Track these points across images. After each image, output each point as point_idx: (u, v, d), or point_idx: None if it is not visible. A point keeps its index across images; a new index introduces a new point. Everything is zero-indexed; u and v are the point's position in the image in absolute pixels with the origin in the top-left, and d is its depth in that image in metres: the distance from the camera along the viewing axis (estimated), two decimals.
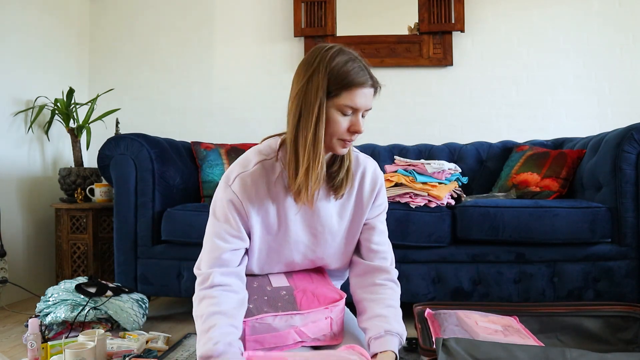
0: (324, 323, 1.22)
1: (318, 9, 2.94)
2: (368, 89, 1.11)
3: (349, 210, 1.26)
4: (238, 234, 1.17)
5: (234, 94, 3.06)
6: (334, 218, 1.24)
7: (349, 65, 1.09)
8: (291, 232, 1.21)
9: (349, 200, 1.25)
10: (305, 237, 1.24)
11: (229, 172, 1.19)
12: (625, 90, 2.86)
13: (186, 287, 2.05)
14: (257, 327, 1.17)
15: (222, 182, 1.20)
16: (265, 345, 1.17)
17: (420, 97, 2.98)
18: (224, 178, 1.19)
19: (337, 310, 1.25)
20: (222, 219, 1.17)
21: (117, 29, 3.15)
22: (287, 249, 1.24)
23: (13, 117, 2.56)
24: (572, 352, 1.11)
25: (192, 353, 1.67)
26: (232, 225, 1.16)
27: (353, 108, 1.10)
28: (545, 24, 2.92)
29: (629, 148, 1.90)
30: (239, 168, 1.18)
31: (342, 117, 1.11)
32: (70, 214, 2.52)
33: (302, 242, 1.24)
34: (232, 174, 1.18)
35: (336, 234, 1.26)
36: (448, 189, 2.06)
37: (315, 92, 1.09)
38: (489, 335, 1.32)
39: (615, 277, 1.91)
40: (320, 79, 1.08)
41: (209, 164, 2.46)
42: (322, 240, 1.24)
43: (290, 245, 1.23)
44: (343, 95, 1.09)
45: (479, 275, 1.96)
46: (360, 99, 1.10)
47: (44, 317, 1.79)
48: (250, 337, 1.17)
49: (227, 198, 1.16)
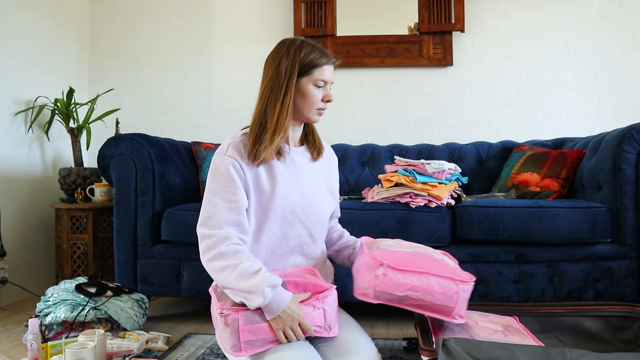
0: (317, 314, 1.24)
1: (318, 9, 2.95)
2: (331, 66, 1.38)
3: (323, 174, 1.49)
4: (242, 192, 1.30)
5: (234, 94, 3.06)
6: (312, 176, 1.43)
7: (314, 50, 1.36)
8: (281, 188, 1.35)
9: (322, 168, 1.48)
10: (293, 194, 1.37)
11: (221, 146, 1.36)
12: (625, 90, 2.86)
13: (186, 287, 2.05)
14: (251, 317, 1.19)
15: (216, 155, 1.34)
16: (259, 336, 1.19)
17: (420, 97, 2.98)
18: (217, 151, 1.35)
19: (329, 301, 1.27)
20: (225, 182, 1.29)
21: (117, 29, 3.15)
22: (279, 205, 1.34)
23: (13, 117, 2.56)
24: (572, 352, 1.11)
25: (192, 353, 1.68)
26: (237, 186, 1.29)
27: (324, 81, 1.36)
28: (545, 24, 2.92)
29: (629, 148, 1.90)
30: (229, 140, 1.37)
31: (316, 89, 1.36)
32: (70, 214, 2.52)
33: (291, 199, 1.36)
34: (225, 146, 1.35)
35: (316, 192, 1.43)
36: (448, 189, 2.06)
37: (285, 72, 1.33)
38: (489, 335, 1.32)
39: (615, 277, 1.91)
40: (289, 63, 1.33)
41: (209, 164, 2.45)
42: (307, 198, 1.39)
43: (283, 200, 1.34)
44: (315, 72, 1.34)
45: (479, 275, 1.95)
46: (327, 72, 1.37)
47: (44, 317, 1.79)
48: (244, 327, 1.18)
49: (227, 163, 1.30)
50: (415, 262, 1.31)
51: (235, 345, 1.18)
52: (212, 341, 1.80)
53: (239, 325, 1.18)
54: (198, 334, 1.89)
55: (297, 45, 1.35)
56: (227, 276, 1.21)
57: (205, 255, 1.26)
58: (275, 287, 1.20)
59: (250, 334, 1.18)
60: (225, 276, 1.21)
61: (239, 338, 1.18)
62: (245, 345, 1.18)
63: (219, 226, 1.26)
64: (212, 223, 1.26)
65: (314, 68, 1.34)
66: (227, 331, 1.20)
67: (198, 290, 2.04)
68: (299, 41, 1.37)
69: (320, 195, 1.44)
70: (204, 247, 1.27)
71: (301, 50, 1.34)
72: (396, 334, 1.90)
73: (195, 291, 2.05)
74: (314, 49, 1.36)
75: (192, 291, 2.05)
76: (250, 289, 1.18)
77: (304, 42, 1.37)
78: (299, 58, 1.33)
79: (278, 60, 1.35)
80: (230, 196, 1.28)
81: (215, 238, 1.24)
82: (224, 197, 1.28)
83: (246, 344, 1.18)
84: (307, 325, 1.21)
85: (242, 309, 1.20)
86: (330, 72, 1.38)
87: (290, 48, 1.35)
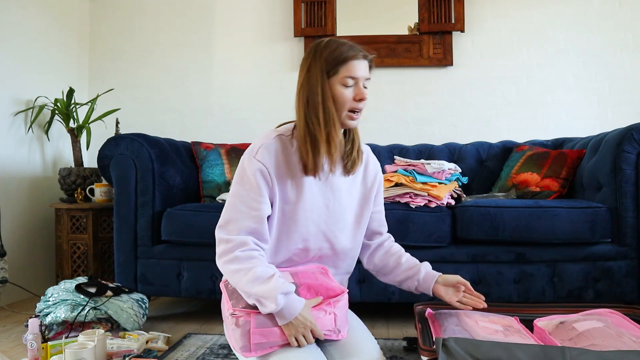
0: (327, 319, 1.23)
1: (318, 9, 2.95)
2: (361, 60, 1.26)
3: (357, 189, 1.39)
4: (266, 201, 1.25)
5: (234, 94, 3.06)
6: (343, 192, 1.35)
7: (339, 46, 1.26)
8: (306, 200, 1.29)
9: (356, 180, 1.39)
10: (318, 207, 1.31)
11: (252, 146, 1.29)
12: (625, 90, 2.86)
13: (186, 287, 2.05)
14: (263, 321, 1.18)
15: (245, 156, 1.28)
16: (270, 339, 1.18)
17: (420, 97, 2.98)
18: (247, 152, 1.28)
19: (340, 306, 1.27)
20: (250, 188, 1.25)
21: (117, 29, 3.15)
22: (302, 217, 1.29)
23: (13, 117, 2.56)
24: (571, 351, 1.11)
25: (192, 353, 1.67)
26: (262, 194, 1.25)
27: (353, 77, 1.25)
28: (545, 24, 2.92)
29: (629, 148, 1.90)
30: (261, 140, 1.28)
31: (346, 89, 1.25)
32: (70, 214, 2.52)
33: (315, 212, 1.31)
34: (256, 146, 1.27)
35: (345, 208, 1.35)
36: (448, 189, 2.06)
37: (316, 77, 1.24)
38: (490, 335, 1.31)
39: (615, 277, 1.91)
40: (317, 66, 1.24)
41: (209, 164, 2.45)
42: (333, 211, 1.33)
43: (306, 213, 1.29)
44: (341, 70, 1.24)
45: (479, 275, 1.96)
46: (356, 68, 1.25)
47: (44, 317, 1.79)
48: (255, 329, 1.18)
49: (255, 168, 1.24)
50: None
51: (245, 347, 1.18)
52: (212, 341, 1.80)
53: (250, 328, 1.18)
54: (198, 334, 1.89)
55: (323, 45, 1.27)
56: (240, 279, 1.20)
57: (221, 259, 1.24)
58: (288, 294, 1.17)
59: (261, 336, 1.18)
60: (238, 279, 1.20)
61: (249, 340, 1.18)
62: (255, 346, 1.18)
63: (236, 232, 1.23)
64: (231, 228, 1.24)
65: (340, 65, 1.24)
66: (237, 332, 1.19)
67: (198, 290, 2.04)
68: (325, 40, 1.29)
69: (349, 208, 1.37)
70: (220, 250, 1.25)
71: (327, 49, 1.25)
72: (396, 334, 1.90)
73: (195, 291, 2.05)
74: (340, 45, 1.26)
75: (192, 291, 2.05)
76: (263, 294, 1.16)
77: (331, 40, 1.28)
78: (325, 57, 1.24)
79: (308, 64, 1.26)
80: (254, 204, 1.24)
81: (232, 244, 1.22)
82: (247, 204, 1.24)
83: (256, 346, 1.18)
84: (319, 331, 1.20)
85: (254, 312, 1.19)
86: (360, 67, 1.25)
87: (317, 49, 1.27)
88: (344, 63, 1.24)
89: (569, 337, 1.32)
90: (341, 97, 1.24)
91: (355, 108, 1.27)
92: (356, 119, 1.29)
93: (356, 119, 1.29)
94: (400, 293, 1.97)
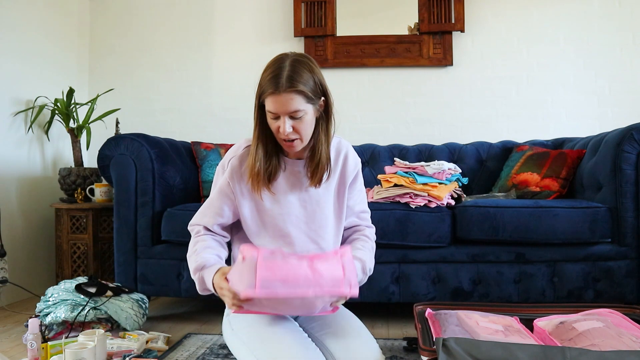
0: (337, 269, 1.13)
1: (318, 9, 2.95)
2: (280, 95, 1.16)
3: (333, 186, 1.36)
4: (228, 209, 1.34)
5: (234, 94, 3.06)
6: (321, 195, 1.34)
7: (266, 74, 1.19)
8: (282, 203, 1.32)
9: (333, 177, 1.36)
10: (297, 210, 1.33)
11: (223, 159, 1.37)
12: (625, 90, 2.86)
13: (186, 287, 2.05)
14: (269, 255, 1.12)
15: (219, 166, 1.37)
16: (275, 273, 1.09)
17: (420, 97, 2.98)
18: (220, 163, 1.37)
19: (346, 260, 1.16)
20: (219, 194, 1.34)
21: (117, 29, 3.15)
22: (280, 220, 1.32)
23: (13, 117, 2.56)
24: (571, 351, 1.11)
25: (192, 353, 1.68)
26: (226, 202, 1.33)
27: (272, 113, 1.19)
28: (545, 24, 2.92)
29: (629, 148, 1.90)
30: (230, 154, 1.35)
31: (273, 121, 1.21)
32: (70, 214, 2.52)
33: (294, 214, 1.32)
34: (227, 158, 1.34)
35: (324, 206, 1.35)
36: (448, 189, 2.06)
37: (255, 99, 1.23)
38: (490, 335, 1.31)
39: (615, 277, 1.91)
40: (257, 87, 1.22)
41: (209, 164, 2.46)
42: (312, 211, 1.33)
43: (284, 216, 1.31)
44: (267, 102, 1.19)
45: (479, 275, 1.96)
46: (274, 104, 1.17)
47: (44, 317, 1.79)
48: (262, 262, 1.10)
49: (224, 179, 1.33)
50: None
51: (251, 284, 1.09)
52: (212, 341, 1.80)
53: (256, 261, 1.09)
54: (198, 334, 1.89)
55: (266, 66, 1.20)
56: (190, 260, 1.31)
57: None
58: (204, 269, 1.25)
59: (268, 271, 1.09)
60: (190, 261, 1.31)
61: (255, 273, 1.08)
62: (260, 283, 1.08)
63: (198, 221, 1.37)
64: (199, 217, 1.37)
65: (263, 95, 1.19)
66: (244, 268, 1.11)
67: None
68: (272, 59, 1.21)
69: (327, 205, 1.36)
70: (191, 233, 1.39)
71: (263, 72, 1.20)
72: (396, 334, 1.90)
73: (195, 291, 2.05)
74: (272, 72, 1.17)
75: (192, 291, 2.05)
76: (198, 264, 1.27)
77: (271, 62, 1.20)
78: (259, 82, 1.20)
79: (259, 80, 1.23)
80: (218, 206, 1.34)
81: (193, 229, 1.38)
82: (215, 204, 1.35)
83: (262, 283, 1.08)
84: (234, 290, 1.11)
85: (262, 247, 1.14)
86: (277, 102, 1.16)
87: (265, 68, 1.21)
88: (266, 96, 1.18)
89: (569, 337, 1.32)
90: (270, 126, 1.23)
91: (283, 140, 1.22)
92: (294, 147, 1.24)
93: (294, 147, 1.23)
94: (400, 293, 1.97)
